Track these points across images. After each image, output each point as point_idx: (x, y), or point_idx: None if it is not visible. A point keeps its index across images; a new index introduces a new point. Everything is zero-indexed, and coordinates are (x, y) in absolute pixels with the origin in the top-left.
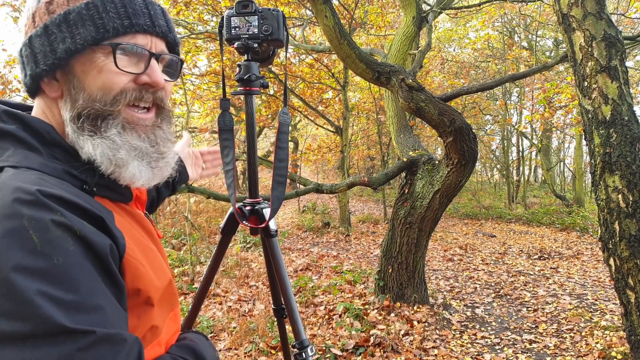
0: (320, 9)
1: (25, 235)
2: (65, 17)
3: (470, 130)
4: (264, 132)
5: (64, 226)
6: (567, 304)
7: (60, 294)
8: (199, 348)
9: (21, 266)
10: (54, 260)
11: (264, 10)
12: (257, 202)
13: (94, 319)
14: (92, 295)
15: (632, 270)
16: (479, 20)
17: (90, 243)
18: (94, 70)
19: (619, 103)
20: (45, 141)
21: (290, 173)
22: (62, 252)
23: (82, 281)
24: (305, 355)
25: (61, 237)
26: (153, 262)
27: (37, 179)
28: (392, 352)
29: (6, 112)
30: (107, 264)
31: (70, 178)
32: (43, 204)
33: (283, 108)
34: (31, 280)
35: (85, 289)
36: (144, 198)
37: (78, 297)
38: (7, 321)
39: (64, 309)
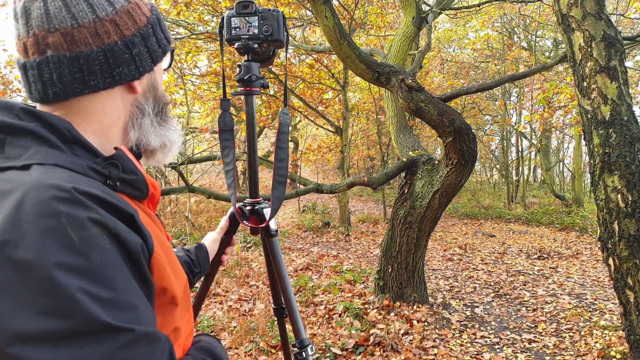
0: (320, 10)
1: (64, 233)
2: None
3: (470, 131)
4: (264, 132)
5: (99, 224)
6: (566, 303)
7: (100, 291)
8: (215, 350)
9: (62, 263)
10: (92, 258)
11: (264, 11)
12: (258, 202)
13: (131, 317)
14: (127, 293)
15: (631, 269)
16: (478, 20)
17: (123, 241)
18: (161, 71)
19: (618, 103)
20: (65, 138)
21: (291, 173)
22: (99, 250)
23: (117, 279)
24: (305, 354)
25: (97, 234)
26: (173, 261)
27: (68, 176)
28: (391, 352)
29: (24, 110)
30: (140, 263)
31: (94, 174)
32: (79, 201)
33: (283, 108)
34: (72, 277)
35: (121, 287)
36: (157, 197)
37: (115, 295)
38: (48, 319)
39: (103, 307)
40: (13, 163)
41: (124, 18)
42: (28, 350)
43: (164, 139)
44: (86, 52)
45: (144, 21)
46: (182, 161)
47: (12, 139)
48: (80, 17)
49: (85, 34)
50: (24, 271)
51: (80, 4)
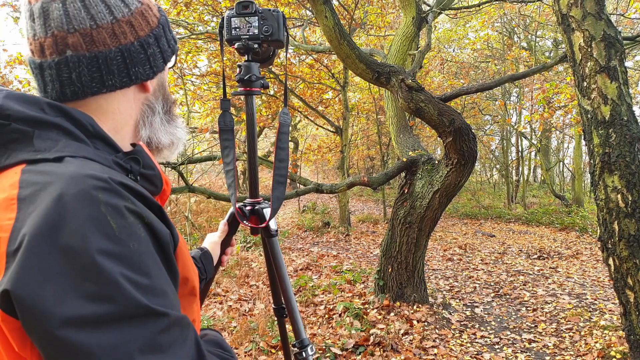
0: (320, 10)
1: (105, 221)
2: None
3: (470, 131)
4: (264, 132)
5: (135, 213)
6: (566, 303)
7: (138, 277)
8: (223, 342)
9: (104, 250)
10: (130, 246)
11: (264, 11)
12: (258, 202)
13: (166, 303)
14: (160, 280)
15: (631, 269)
16: (478, 20)
17: (155, 231)
18: (168, 70)
19: (618, 103)
20: (89, 133)
21: (291, 173)
22: (136, 238)
23: (152, 267)
24: (305, 354)
25: (134, 223)
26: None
27: (102, 167)
28: (391, 352)
29: (49, 104)
30: (168, 252)
31: (117, 167)
32: (116, 191)
33: (283, 108)
34: (114, 263)
35: (155, 274)
36: (168, 193)
37: (151, 282)
38: (93, 303)
39: (142, 292)
40: (45, 155)
41: (138, 19)
42: (75, 333)
43: (172, 136)
44: (105, 52)
45: (155, 22)
46: (182, 161)
47: (40, 132)
48: (99, 18)
49: (104, 35)
50: (69, 257)
51: (98, 5)
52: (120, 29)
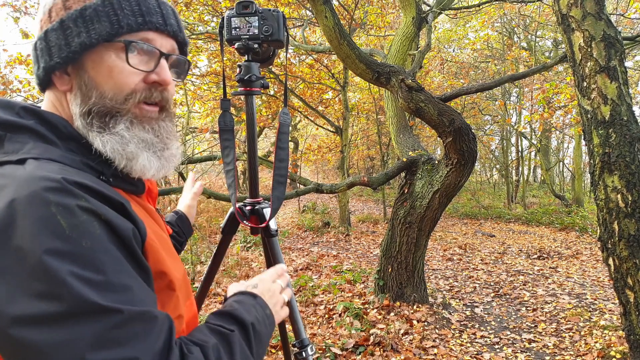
0: (320, 10)
1: (54, 221)
2: (81, 12)
3: (470, 131)
4: (264, 132)
5: (89, 211)
6: (566, 303)
7: (91, 274)
8: (238, 312)
9: (52, 249)
10: (82, 244)
11: (264, 11)
12: (258, 202)
13: (124, 298)
14: (120, 275)
15: (631, 269)
16: (478, 20)
17: (114, 227)
18: (105, 68)
19: (618, 103)
20: (62, 135)
21: (291, 173)
22: (89, 235)
23: (109, 263)
24: (305, 354)
25: (87, 221)
26: (169, 251)
27: (59, 169)
28: (391, 351)
29: (24, 108)
30: (132, 247)
31: (88, 169)
32: (68, 190)
33: (283, 108)
34: (62, 262)
35: (113, 270)
36: (155, 192)
37: (107, 278)
38: (41, 302)
39: (94, 289)
40: (10, 158)
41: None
42: (26, 332)
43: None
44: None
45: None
46: (182, 161)
47: (12, 135)
48: None
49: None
50: (18, 258)
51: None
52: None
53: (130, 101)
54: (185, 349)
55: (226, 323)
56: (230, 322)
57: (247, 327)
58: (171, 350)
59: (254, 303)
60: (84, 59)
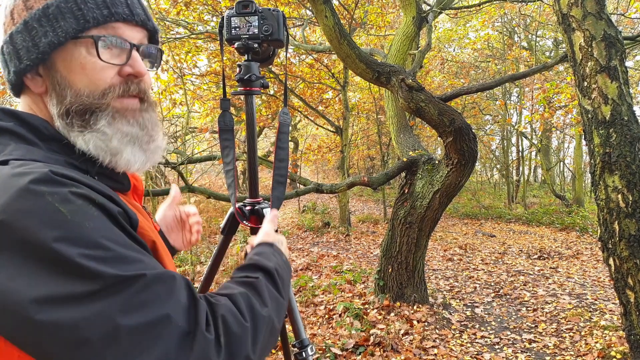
0: (320, 9)
1: (53, 209)
2: (44, 11)
3: (470, 130)
4: (264, 132)
5: (83, 196)
6: (566, 303)
7: (101, 253)
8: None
9: (60, 237)
10: (86, 225)
11: (264, 11)
12: (258, 202)
13: (139, 266)
14: (128, 249)
15: (631, 270)
16: (478, 20)
17: (108, 210)
18: (77, 66)
19: (619, 103)
20: (43, 136)
21: (290, 173)
22: (90, 217)
23: (115, 240)
24: (305, 354)
25: (84, 205)
26: (162, 245)
27: (44, 165)
28: (391, 352)
29: (2, 110)
30: (126, 226)
31: (72, 168)
32: (57, 181)
33: (283, 108)
34: (73, 247)
35: (121, 245)
36: (141, 189)
37: (116, 253)
38: (63, 284)
39: (110, 264)
40: None
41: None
42: (55, 313)
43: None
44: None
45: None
46: (182, 161)
47: None
48: None
49: None
50: (29, 253)
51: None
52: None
53: (109, 96)
54: (211, 299)
55: (250, 272)
56: (253, 271)
57: (272, 272)
58: (197, 302)
59: (272, 251)
60: (54, 58)
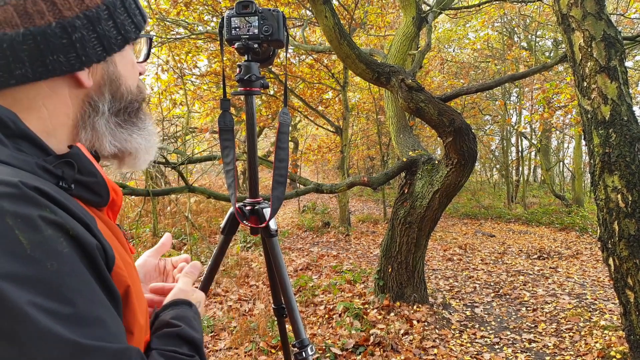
0: (320, 9)
1: (11, 236)
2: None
3: (470, 130)
4: (264, 132)
5: (55, 224)
6: (566, 303)
7: (58, 306)
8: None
9: (10, 274)
10: (47, 266)
11: (264, 11)
12: (258, 202)
13: (100, 333)
14: (92, 306)
15: (631, 269)
16: (478, 20)
17: (83, 244)
18: (128, 63)
19: (618, 103)
20: (9, 132)
21: (290, 173)
22: (55, 255)
23: (80, 290)
24: (305, 354)
25: (53, 237)
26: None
27: (13, 171)
28: (391, 352)
29: None
30: (101, 268)
31: (43, 173)
32: (28, 197)
33: (283, 108)
34: (23, 289)
35: (85, 299)
36: (119, 204)
37: (78, 309)
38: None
39: (65, 323)
40: None
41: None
42: None
43: (125, 144)
44: (11, 35)
45: (97, 1)
46: (182, 161)
47: None
48: None
49: (11, 13)
50: None
51: None
52: (36, 7)
53: (143, 92)
54: None
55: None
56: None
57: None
58: None
59: (193, 315)
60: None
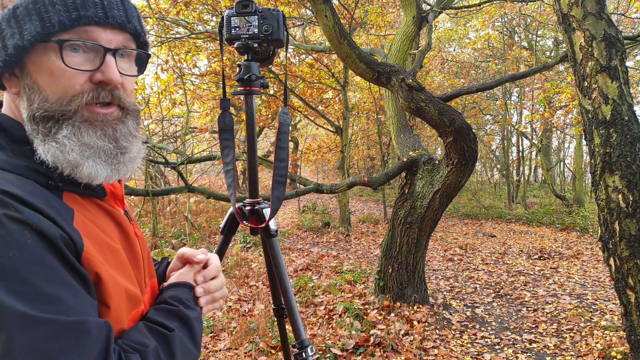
0: (320, 9)
1: None
2: (13, 12)
3: (470, 130)
4: (264, 132)
5: (18, 221)
6: (567, 303)
7: (17, 286)
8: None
9: None
10: (8, 254)
11: (264, 10)
12: (257, 202)
13: (55, 308)
14: (51, 285)
15: (632, 270)
16: (479, 20)
17: (47, 235)
18: (46, 70)
19: (619, 103)
20: (13, 138)
21: (290, 173)
22: (17, 245)
23: (38, 273)
24: (305, 355)
25: (17, 231)
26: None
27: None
28: (392, 352)
29: None
30: (65, 254)
31: (35, 175)
32: None
33: (283, 108)
34: None
35: (44, 281)
36: (119, 194)
37: (36, 289)
38: None
39: (23, 300)
40: None
41: None
42: None
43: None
44: None
45: None
46: (181, 161)
47: None
48: None
49: None
50: None
51: None
52: None
53: (76, 102)
54: (123, 356)
55: (167, 320)
56: (170, 319)
57: (192, 323)
58: None
59: (192, 296)
60: (26, 60)
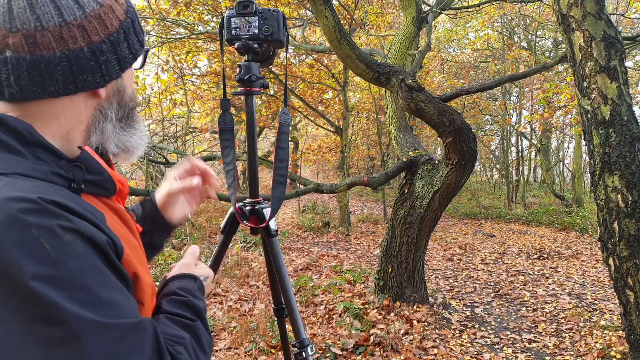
0: (320, 9)
1: (37, 244)
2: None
3: (470, 131)
4: (264, 132)
5: (71, 230)
6: (566, 303)
7: (82, 295)
8: (192, 301)
9: (39, 275)
10: (69, 265)
11: (264, 11)
12: (258, 202)
13: (117, 313)
14: (108, 291)
15: (631, 269)
16: (478, 20)
17: (96, 242)
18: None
19: (618, 103)
20: (27, 142)
21: (291, 173)
22: (75, 255)
23: (97, 280)
24: (305, 354)
25: (71, 241)
26: (141, 259)
27: (32, 186)
28: (391, 352)
29: None
30: (112, 258)
31: (57, 178)
32: (47, 210)
33: (283, 108)
34: (52, 287)
35: (103, 287)
36: (125, 191)
37: (97, 296)
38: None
39: (90, 309)
40: None
41: (93, 23)
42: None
43: (126, 144)
44: (48, 57)
45: (116, 26)
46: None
47: None
48: (46, 20)
49: (49, 38)
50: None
51: (46, 6)
52: (70, 33)
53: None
54: (172, 350)
55: (184, 311)
56: (186, 309)
57: (203, 315)
58: (164, 356)
59: (196, 286)
60: None
